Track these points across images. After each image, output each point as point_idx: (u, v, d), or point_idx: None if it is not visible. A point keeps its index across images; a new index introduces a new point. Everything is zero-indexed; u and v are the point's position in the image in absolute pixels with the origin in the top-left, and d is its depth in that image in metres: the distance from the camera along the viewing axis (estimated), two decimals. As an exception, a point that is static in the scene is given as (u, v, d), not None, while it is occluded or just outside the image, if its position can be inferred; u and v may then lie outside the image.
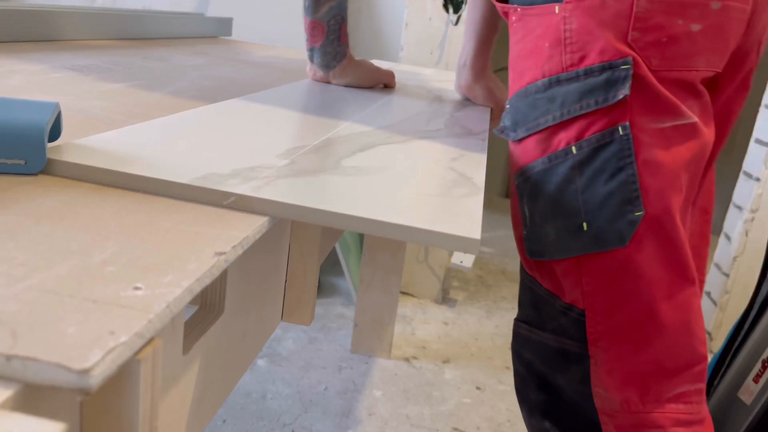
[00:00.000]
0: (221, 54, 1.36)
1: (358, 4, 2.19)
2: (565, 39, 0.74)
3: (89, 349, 0.25)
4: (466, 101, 1.10)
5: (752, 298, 1.20)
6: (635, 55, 0.71)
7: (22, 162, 0.44)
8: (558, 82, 0.75)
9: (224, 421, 1.39)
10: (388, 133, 0.73)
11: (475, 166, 0.65)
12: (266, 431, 1.38)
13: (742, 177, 1.85)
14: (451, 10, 1.17)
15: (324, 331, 1.82)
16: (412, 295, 2.11)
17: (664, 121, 0.73)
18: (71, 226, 0.37)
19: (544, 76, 0.76)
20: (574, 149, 0.74)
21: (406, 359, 1.73)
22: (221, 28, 1.80)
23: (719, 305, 1.87)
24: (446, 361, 1.74)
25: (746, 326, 1.19)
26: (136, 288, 0.31)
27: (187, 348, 0.42)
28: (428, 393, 1.59)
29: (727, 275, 1.84)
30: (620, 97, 0.71)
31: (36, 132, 0.43)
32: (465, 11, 1.87)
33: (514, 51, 0.81)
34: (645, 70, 0.71)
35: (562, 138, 0.75)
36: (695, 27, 0.71)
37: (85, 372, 0.24)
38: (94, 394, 0.30)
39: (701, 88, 0.75)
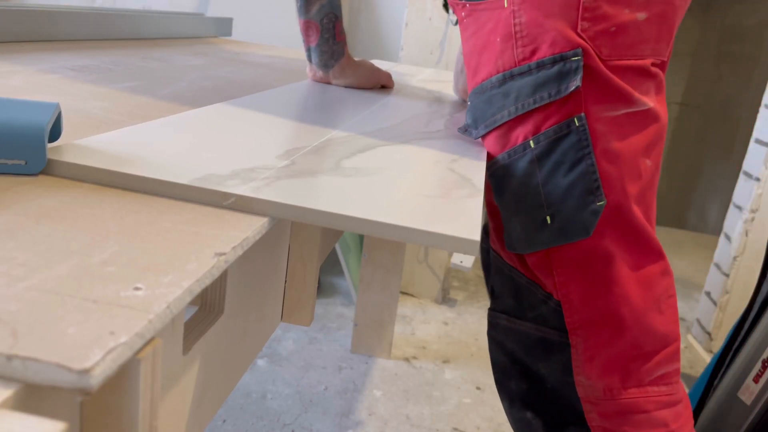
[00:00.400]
0: (221, 54, 1.36)
1: (358, 4, 2.19)
2: (515, 33, 0.73)
3: (89, 349, 0.26)
4: (466, 102, 1.10)
5: (752, 298, 1.21)
6: (586, 45, 0.71)
7: (23, 162, 0.44)
8: (512, 76, 0.74)
9: (224, 421, 1.39)
10: (387, 134, 0.74)
11: (475, 167, 0.65)
12: (266, 431, 1.38)
13: (742, 177, 1.85)
14: (451, 10, 1.17)
15: (324, 331, 1.82)
16: (412, 295, 2.11)
17: (618, 108, 0.73)
18: (71, 226, 0.37)
19: (498, 72, 0.76)
20: (531, 143, 0.74)
21: (406, 359, 1.73)
22: (221, 28, 1.80)
23: (719, 305, 1.87)
24: (446, 361, 1.74)
25: (746, 326, 1.19)
26: (137, 288, 0.31)
27: (187, 348, 0.42)
28: (428, 393, 1.59)
29: (727, 275, 1.85)
30: (572, 88, 0.71)
31: (36, 132, 0.43)
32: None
33: (467, 47, 0.81)
34: (596, 60, 0.71)
35: (520, 133, 0.75)
36: (641, 16, 0.72)
37: (85, 372, 0.24)
38: (94, 393, 0.30)
39: (654, 69, 0.76)
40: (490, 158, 0.79)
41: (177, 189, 0.45)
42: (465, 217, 0.48)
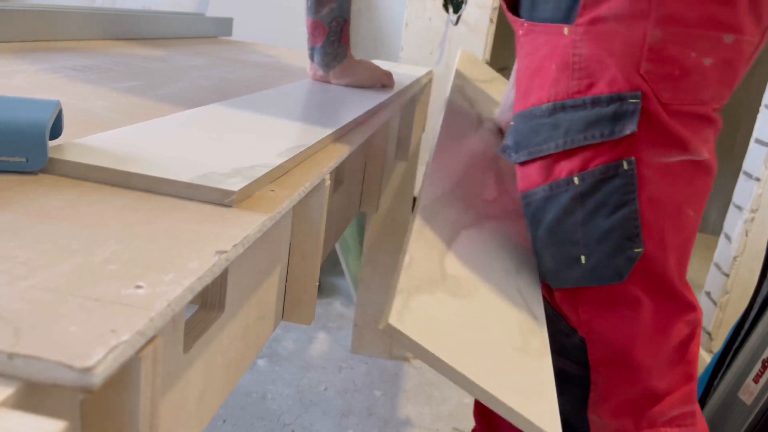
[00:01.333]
0: (221, 54, 1.36)
1: (359, 4, 2.19)
2: (573, 63, 0.71)
3: (91, 348, 0.25)
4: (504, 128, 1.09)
5: (752, 298, 1.20)
6: (646, 87, 0.68)
7: (24, 160, 0.44)
8: (563, 108, 0.72)
9: (224, 421, 1.39)
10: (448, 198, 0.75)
11: (535, 294, 0.68)
12: (266, 431, 1.38)
13: (742, 177, 1.85)
14: (451, 10, 1.17)
15: (324, 331, 1.82)
16: (412, 295, 2.11)
17: (672, 155, 0.70)
18: (73, 225, 0.37)
19: (549, 100, 0.73)
20: (576, 180, 0.72)
21: (406, 359, 1.73)
22: (221, 28, 1.80)
23: (719, 305, 1.87)
24: (446, 361, 1.74)
25: (746, 326, 1.19)
26: (138, 286, 0.31)
27: (187, 347, 0.42)
28: (428, 393, 1.59)
29: (727, 275, 1.84)
30: (627, 132, 0.68)
31: (37, 129, 0.43)
32: (465, 11, 1.87)
33: (521, 65, 0.79)
34: (655, 104, 0.68)
35: (564, 167, 0.72)
36: (707, 61, 0.68)
37: (87, 370, 0.24)
38: (95, 392, 0.30)
39: (715, 116, 0.72)
40: (529, 187, 0.77)
41: (178, 187, 0.45)
42: (545, 400, 0.50)
